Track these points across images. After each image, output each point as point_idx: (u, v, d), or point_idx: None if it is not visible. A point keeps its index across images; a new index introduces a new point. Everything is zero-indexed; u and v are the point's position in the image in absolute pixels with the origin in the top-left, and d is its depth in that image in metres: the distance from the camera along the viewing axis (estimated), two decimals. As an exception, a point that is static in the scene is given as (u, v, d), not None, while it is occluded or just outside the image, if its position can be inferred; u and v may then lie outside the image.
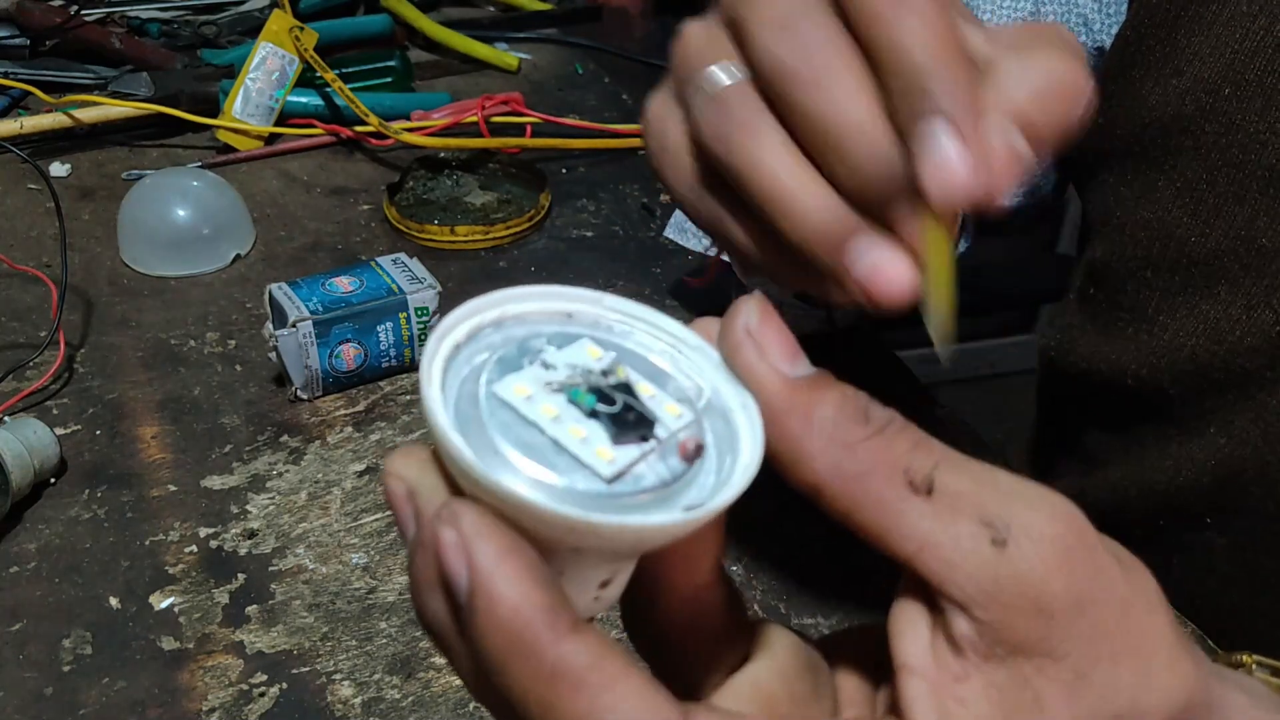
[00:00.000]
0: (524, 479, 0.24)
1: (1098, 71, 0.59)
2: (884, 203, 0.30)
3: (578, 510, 0.23)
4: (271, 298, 0.63)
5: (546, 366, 0.26)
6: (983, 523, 0.24)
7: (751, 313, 0.26)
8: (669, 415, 0.26)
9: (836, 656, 0.30)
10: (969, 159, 0.27)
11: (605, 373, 0.26)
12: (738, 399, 0.26)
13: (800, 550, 0.56)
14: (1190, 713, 0.26)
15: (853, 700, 0.29)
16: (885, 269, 0.30)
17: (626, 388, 0.26)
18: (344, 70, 0.95)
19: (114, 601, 0.52)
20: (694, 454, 0.25)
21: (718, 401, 0.27)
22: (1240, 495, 0.55)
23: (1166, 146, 0.55)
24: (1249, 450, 0.54)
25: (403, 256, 0.68)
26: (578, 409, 0.25)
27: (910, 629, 0.26)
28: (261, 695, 0.48)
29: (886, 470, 0.24)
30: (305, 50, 0.91)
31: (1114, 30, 0.60)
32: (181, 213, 0.76)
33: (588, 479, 0.24)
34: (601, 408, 0.25)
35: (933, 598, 0.25)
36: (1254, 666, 0.31)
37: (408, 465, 0.24)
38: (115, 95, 0.91)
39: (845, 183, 0.31)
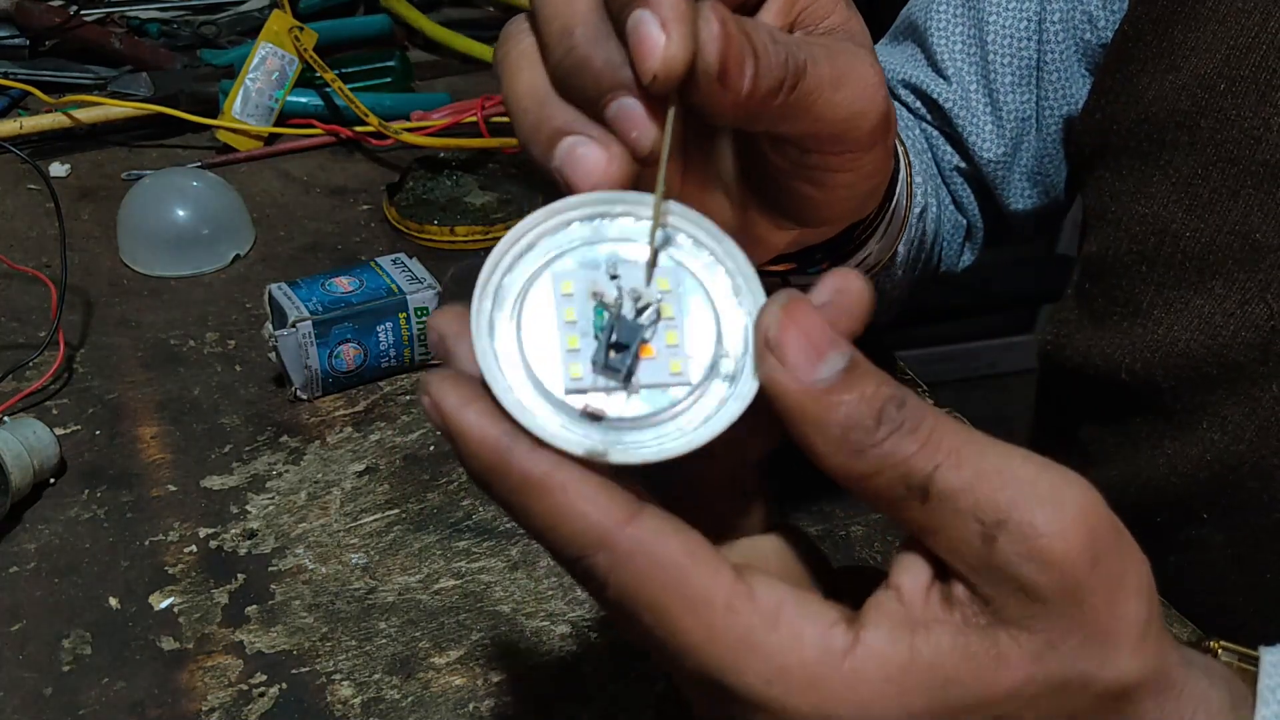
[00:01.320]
0: (516, 350, 0.27)
1: (1100, 69, 0.59)
2: (601, 98, 0.30)
3: (508, 396, 0.26)
4: (271, 298, 0.63)
5: (613, 276, 0.28)
6: (976, 519, 0.26)
7: (774, 323, 0.27)
8: (667, 369, 0.28)
9: (843, 583, 0.32)
10: (666, 36, 0.28)
11: (640, 309, 0.28)
12: (748, 386, 0.28)
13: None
14: (1143, 690, 0.28)
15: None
16: (580, 152, 0.30)
17: (636, 329, 0.28)
18: (344, 70, 0.95)
19: (113, 601, 0.52)
20: (590, 416, 0.27)
21: (738, 380, 0.28)
22: (1236, 490, 0.55)
23: (1162, 141, 0.55)
24: (1244, 445, 0.53)
25: (402, 257, 0.68)
26: (591, 324, 0.28)
27: (912, 570, 0.28)
28: (261, 695, 0.48)
29: (890, 474, 0.26)
30: (305, 50, 0.91)
31: None
32: (181, 213, 0.76)
33: (551, 380, 0.27)
34: (601, 336, 0.28)
35: (940, 560, 0.28)
36: (1220, 651, 0.33)
37: (443, 320, 0.29)
38: (115, 95, 0.91)
39: (560, 77, 0.31)
